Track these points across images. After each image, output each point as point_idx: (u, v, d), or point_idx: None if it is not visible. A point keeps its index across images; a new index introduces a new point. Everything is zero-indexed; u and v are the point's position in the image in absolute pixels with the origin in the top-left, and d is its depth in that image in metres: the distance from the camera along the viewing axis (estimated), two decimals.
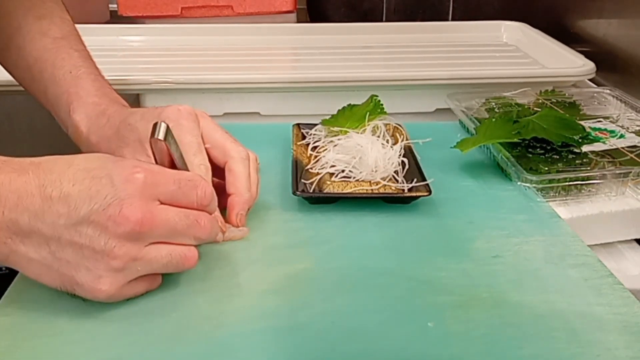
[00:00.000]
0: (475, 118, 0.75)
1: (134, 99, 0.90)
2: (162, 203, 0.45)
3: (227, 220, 0.56)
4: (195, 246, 0.48)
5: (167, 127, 0.48)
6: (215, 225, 0.49)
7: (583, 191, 0.63)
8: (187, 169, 0.51)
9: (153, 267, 0.46)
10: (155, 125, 0.48)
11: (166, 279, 0.50)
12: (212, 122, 0.58)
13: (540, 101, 0.81)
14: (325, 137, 0.69)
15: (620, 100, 0.82)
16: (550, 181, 0.62)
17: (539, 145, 0.68)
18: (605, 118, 0.78)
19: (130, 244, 0.44)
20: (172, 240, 0.46)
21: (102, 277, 0.44)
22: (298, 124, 0.73)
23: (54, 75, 0.62)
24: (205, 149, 0.56)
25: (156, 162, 0.50)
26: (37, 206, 0.43)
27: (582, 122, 0.72)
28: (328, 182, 0.62)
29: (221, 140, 0.57)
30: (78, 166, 0.44)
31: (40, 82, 0.63)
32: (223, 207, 0.55)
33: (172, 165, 0.50)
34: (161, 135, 0.48)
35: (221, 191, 0.54)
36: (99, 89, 0.62)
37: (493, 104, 0.80)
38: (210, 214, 0.48)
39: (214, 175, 0.56)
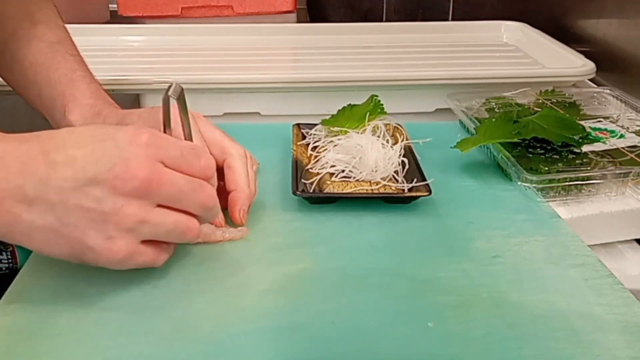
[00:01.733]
0: (475, 118, 0.75)
1: (134, 99, 0.90)
2: (167, 167, 0.45)
3: (230, 216, 0.56)
4: (198, 220, 0.48)
5: (182, 90, 0.48)
6: (217, 199, 0.49)
7: (583, 191, 0.63)
8: (194, 140, 0.51)
9: (159, 232, 0.46)
10: (170, 85, 0.48)
11: (166, 279, 0.50)
12: (208, 122, 0.58)
13: (540, 101, 0.81)
14: (325, 137, 0.69)
15: (621, 100, 0.82)
16: (551, 181, 0.62)
17: (539, 145, 0.68)
18: (606, 118, 0.78)
19: (138, 203, 0.44)
20: (179, 205, 0.46)
21: (113, 237, 0.44)
22: (298, 124, 0.73)
23: (49, 78, 0.63)
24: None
25: (165, 128, 0.50)
26: (42, 171, 0.42)
27: (582, 122, 0.72)
28: (328, 182, 0.62)
29: (219, 139, 0.58)
30: (81, 133, 0.45)
31: (34, 85, 0.63)
32: (224, 207, 0.55)
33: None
34: (175, 94, 0.48)
35: (220, 191, 0.55)
36: (94, 92, 0.63)
37: (493, 104, 0.80)
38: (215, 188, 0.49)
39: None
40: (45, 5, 0.67)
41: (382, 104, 0.70)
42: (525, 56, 1.03)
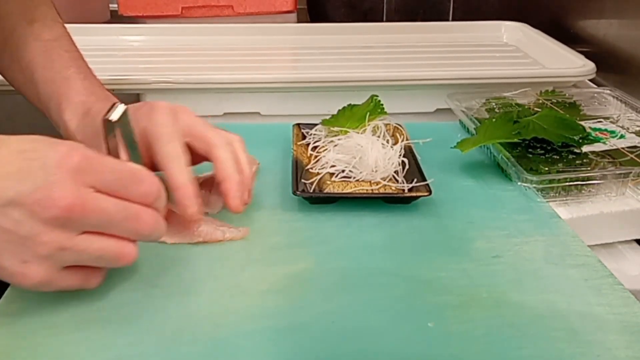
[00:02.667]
0: (476, 118, 0.75)
1: (134, 99, 0.89)
2: (99, 192, 0.43)
3: (228, 207, 0.55)
4: (135, 242, 0.46)
5: (125, 111, 0.46)
6: (161, 224, 0.47)
7: (583, 191, 0.63)
8: (139, 162, 0.48)
9: (83, 259, 0.44)
10: (112, 105, 0.46)
11: (166, 279, 0.50)
12: (192, 115, 0.56)
13: (540, 101, 0.81)
14: (325, 137, 0.69)
15: (621, 101, 0.82)
16: (551, 181, 0.62)
17: (539, 145, 0.68)
18: (606, 118, 0.78)
19: (59, 231, 0.42)
20: (109, 231, 0.44)
21: (28, 262, 0.42)
22: (298, 124, 0.73)
23: (44, 77, 0.62)
24: (187, 142, 0.54)
25: (108, 149, 0.48)
26: None
27: (582, 123, 0.72)
28: (328, 182, 0.62)
29: (202, 131, 0.55)
30: (10, 147, 0.43)
31: (32, 84, 0.63)
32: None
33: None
34: (114, 117, 0.45)
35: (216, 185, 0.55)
36: (87, 88, 0.62)
37: (493, 104, 0.80)
38: (160, 212, 0.47)
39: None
40: (43, 2, 0.66)
41: (382, 104, 0.70)
42: (525, 56, 1.03)
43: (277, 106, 0.87)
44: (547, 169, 0.64)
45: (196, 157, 0.56)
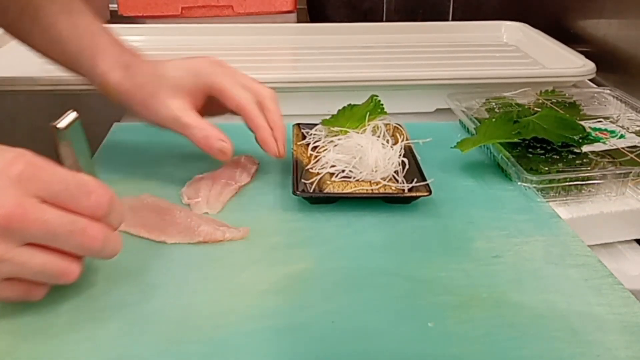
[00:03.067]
0: (476, 118, 0.75)
1: None
2: (45, 202, 0.41)
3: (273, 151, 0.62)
4: (81, 259, 0.44)
5: (76, 119, 0.44)
6: (113, 240, 0.45)
7: (583, 191, 0.64)
8: (93, 174, 0.45)
9: (22, 273, 0.42)
10: (65, 114, 0.44)
11: (165, 279, 0.50)
12: (229, 68, 0.63)
13: (540, 101, 0.81)
14: (325, 137, 0.69)
15: (621, 101, 0.82)
16: (551, 181, 0.62)
17: (539, 145, 0.68)
18: (606, 118, 0.78)
19: None
20: (53, 245, 0.42)
21: None
22: (298, 124, 0.73)
23: (72, 33, 0.63)
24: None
25: (59, 157, 0.45)
26: None
27: (582, 122, 0.72)
28: (328, 182, 0.62)
29: (249, 81, 0.63)
30: None
31: (58, 43, 0.63)
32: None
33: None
34: (62, 124, 0.43)
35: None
36: (119, 45, 0.63)
37: (493, 104, 0.80)
38: (114, 227, 0.45)
39: None
40: None
41: (382, 104, 0.70)
42: (525, 56, 1.03)
43: None
44: (547, 168, 0.64)
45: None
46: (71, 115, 0.44)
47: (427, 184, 0.61)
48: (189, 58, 0.63)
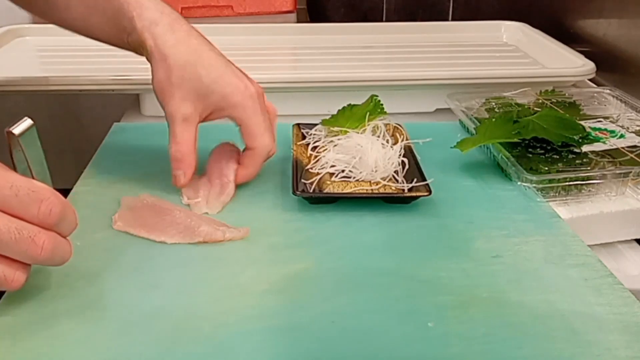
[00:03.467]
0: (475, 118, 0.75)
1: (134, 99, 0.90)
2: None
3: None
4: (27, 267, 0.43)
5: (32, 125, 0.43)
6: (62, 249, 0.44)
7: (583, 191, 0.64)
8: (47, 182, 0.44)
9: None
10: (20, 121, 0.44)
11: (166, 279, 0.50)
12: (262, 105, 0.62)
13: (540, 101, 0.81)
14: (325, 137, 0.69)
15: (620, 100, 0.82)
16: (551, 181, 0.62)
17: (539, 145, 0.68)
18: (605, 118, 0.78)
19: None
20: None
21: None
22: (298, 124, 0.73)
23: None
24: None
25: (14, 164, 0.45)
26: None
27: (582, 122, 0.72)
28: (328, 182, 0.62)
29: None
30: None
31: (85, 7, 0.61)
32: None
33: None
34: (17, 130, 0.42)
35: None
36: (161, 4, 0.60)
37: (493, 104, 0.80)
38: (64, 235, 0.44)
39: None
40: None
41: (382, 104, 0.70)
42: (525, 56, 1.03)
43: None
44: (547, 168, 0.64)
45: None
46: (27, 122, 0.43)
47: (427, 184, 0.61)
48: (235, 76, 0.60)
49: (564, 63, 0.92)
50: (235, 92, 0.59)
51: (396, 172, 0.64)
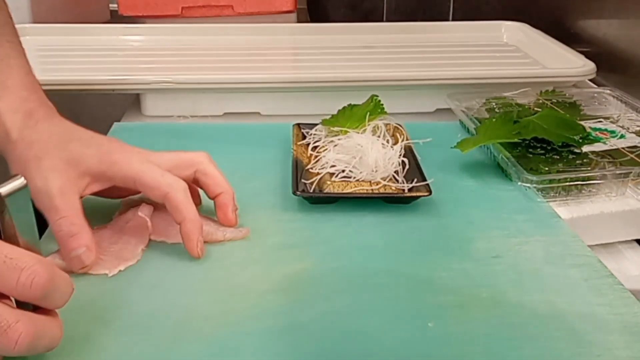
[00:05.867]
0: (476, 118, 0.75)
1: (134, 99, 0.90)
2: None
3: (223, 220, 0.55)
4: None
5: (24, 186, 0.38)
6: (50, 335, 0.38)
7: (583, 191, 0.63)
8: (35, 249, 0.39)
9: None
10: (13, 177, 0.38)
11: (166, 279, 0.50)
12: (152, 153, 0.54)
13: (540, 101, 0.81)
14: (325, 137, 0.69)
15: (621, 101, 0.82)
16: (551, 181, 0.62)
17: (540, 145, 0.68)
18: (606, 118, 0.78)
19: None
20: None
21: None
22: (298, 124, 0.73)
23: None
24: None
25: (3, 227, 0.39)
26: None
27: (582, 122, 0.72)
28: (328, 182, 0.62)
29: (175, 157, 0.54)
30: None
31: None
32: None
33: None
34: (5, 191, 0.37)
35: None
36: (30, 85, 0.56)
37: (493, 104, 0.80)
38: (54, 308, 0.39)
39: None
40: None
41: (382, 104, 0.70)
42: (526, 56, 1.03)
43: (277, 106, 0.87)
44: (547, 168, 0.64)
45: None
46: (18, 182, 0.38)
47: (427, 184, 0.61)
48: (103, 138, 0.54)
49: (565, 63, 0.92)
50: (113, 148, 0.52)
51: (396, 172, 0.64)
